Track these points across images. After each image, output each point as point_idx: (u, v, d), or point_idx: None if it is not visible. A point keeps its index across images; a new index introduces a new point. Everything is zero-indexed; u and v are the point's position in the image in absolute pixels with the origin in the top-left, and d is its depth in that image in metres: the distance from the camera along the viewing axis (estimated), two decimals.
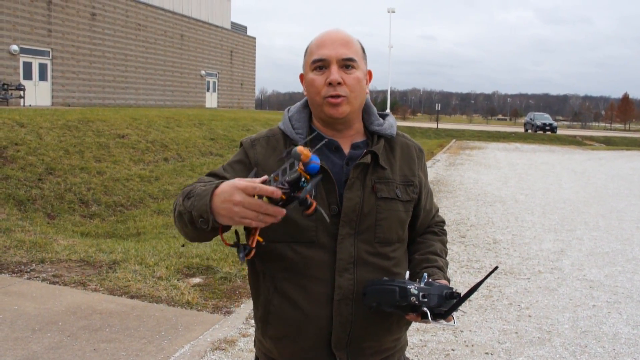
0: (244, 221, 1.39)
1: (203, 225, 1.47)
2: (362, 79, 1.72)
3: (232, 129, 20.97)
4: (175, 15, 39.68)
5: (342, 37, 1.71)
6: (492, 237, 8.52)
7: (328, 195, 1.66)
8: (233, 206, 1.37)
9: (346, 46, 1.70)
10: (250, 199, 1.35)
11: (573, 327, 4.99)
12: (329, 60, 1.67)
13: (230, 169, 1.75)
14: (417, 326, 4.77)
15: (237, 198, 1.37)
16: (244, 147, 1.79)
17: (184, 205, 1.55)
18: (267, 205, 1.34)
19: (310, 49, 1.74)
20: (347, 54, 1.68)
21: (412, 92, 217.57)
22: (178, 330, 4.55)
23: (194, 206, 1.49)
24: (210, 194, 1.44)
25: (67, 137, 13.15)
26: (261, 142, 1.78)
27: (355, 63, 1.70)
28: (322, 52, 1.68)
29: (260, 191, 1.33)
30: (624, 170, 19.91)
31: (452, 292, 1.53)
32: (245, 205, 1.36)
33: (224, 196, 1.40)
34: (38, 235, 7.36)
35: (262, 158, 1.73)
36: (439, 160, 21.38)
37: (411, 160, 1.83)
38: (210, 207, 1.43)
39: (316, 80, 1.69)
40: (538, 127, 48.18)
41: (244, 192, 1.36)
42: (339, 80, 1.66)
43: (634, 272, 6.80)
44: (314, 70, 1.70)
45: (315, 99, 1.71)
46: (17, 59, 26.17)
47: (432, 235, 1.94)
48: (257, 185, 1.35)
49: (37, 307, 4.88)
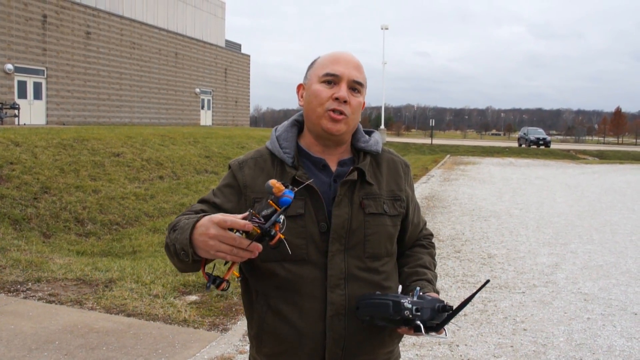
0: (219, 255, 1.41)
1: (184, 258, 1.50)
2: (362, 105, 1.79)
3: (227, 146, 21.02)
4: (170, 33, 39.88)
5: (356, 61, 1.78)
6: (487, 251, 8.56)
7: (317, 213, 1.69)
8: (209, 239, 1.41)
9: (358, 70, 1.77)
10: (225, 232, 1.38)
11: (568, 340, 5.01)
12: (342, 77, 1.73)
13: (219, 193, 1.79)
14: (412, 341, 4.79)
15: (212, 232, 1.40)
16: (232, 170, 1.82)
17: (169, 238, 1.59)
18: (242, 240, 1.37)
19: (322, 62, 1.79)
20: (359, 77, 1.75)
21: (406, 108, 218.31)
22: (175, 348, 4.56)
23: (177, 239, 1.52)
24: (191, 228, 1.47)
25: (62, 156, 13.17)
26: (249, 164, 1.81)
27: (362, 88, 1.77)
28: (337, 69, 1.73)
29: (232, 224, 1.36)
30: (617, 183, 20.00)
31: (445, 306, 1.56)
32: (219, 239, 1.38)
33: (201, 229, 1.44)
34: (34, 254, 7.36)
35: (251, 180, 1.76)
36: (433, 175, 21.44)
37: (397, 176, 1.87)
38: (190, 240, 1.47)
39: (323, 92, 1.73)
40: (532, 142, 48.41)
41: (218, 225, 1.39)
42: (346, 99, 1.71)
43: (628, 284, 6.84)
44: (323, 83, 1.74)
45: (316, 109, 1.74)
46: (11, 78, 26.23)
47: (420, 248, 1.98)
48: (230, 218, 1.38)
49: (33, 326, 4.88)
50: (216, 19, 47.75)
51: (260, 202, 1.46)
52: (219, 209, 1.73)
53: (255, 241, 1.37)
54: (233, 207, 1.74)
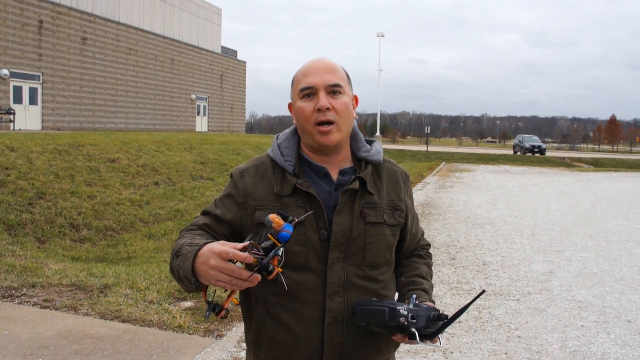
0: (219, 284, 1.44)
1: (188, 285, 1.54)
2: (349, 104, 1.78)
3: (223, 152, 21.02)
4: (166, 39, 39.91)
5: (326, 65, 1.78)
6: (481, 259, 8.58)
7: (317, 221, 1.71)
8: (209, 269, 1.44)
9: (331, 73, 1.76)
10: (225, 263, 1.41)
11: (562, 347, 5.03)
12: (317, 87, 1.73)
13: (220, 204, 1.81)
14: (407, 348, 4.80)
15: (212, 262, 1.43)
16: (233, 179, 1.84)
17: (173, 264, 1.62)
18: (241, 271, 1.40)
19: (296, 78, 1.80)
20: (333, 80, 1.74)
21: (401, 115, 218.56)
22: (170, 354, 4.55)
23: (180, 267, 1.55)
24: (193, 257, 1.50)
25: (57, 162, 13.15)
26: (250, 172, 1.83)
27: (342, 88, 1.76)
28: (309, 80, 1.74)
29: (234, 256, 1.40)
30: (611, 191, 20.08)
31: (440, 314, 1.58)
32: (219, 269, 1.42)
33: (202, 259, 1.47)
34: (29, 259, 7.35)
35: (252, 187, 1.78)
36: (428, 182, 21.48)
37: (397, 186, 1.89)
38: (193, 269, 1.49)
39: (305, 107, 1.74)
40: (527, 149, 48.56)
41: (219, 256, 1.42)
42: (328, 106, 1.71)
43: (622, 292, 6.86)
44: (303, 99, 1.75)
45: (305, 126, 1.76)
46: (7, 83, 26.19)
47: (418, 258, 1.99)
48: (230, 250, 1.41)
49: (28, 331, 4.87)
50: (212, 25, 47.82)
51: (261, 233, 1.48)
52: (220, 221, 1.77)
53: (256, 272, 1.40)
54: (233, 217, 1.77)
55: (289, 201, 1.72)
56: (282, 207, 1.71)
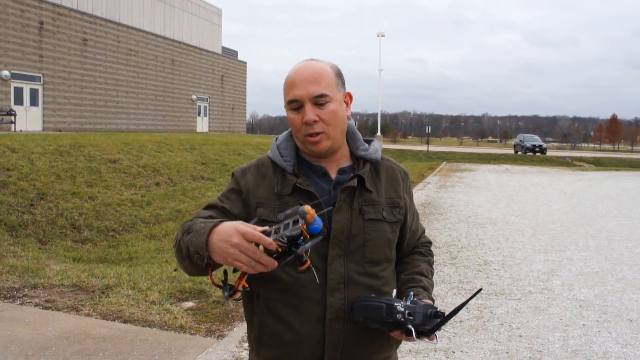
0: (235, 263, 1.45)
1: (198, 260, 1.53)
2: (337, 110, 1.77)
3: (224, 153, 21.03)
4: (166, 40, 39.93)
5: (310, 74, 1.75)
6: (482, 258, 8.58)
7: None
8: (229, 247, 1.44)
9: (316, 82, 1.74)
10: (247, 244, 1.42)
11: (563, 346, 5.03)
12: (302, 100, 1.73)
13: (226, 199, 1.83)
14: (409, 347, 4.80)
15: (234, 240, 1.43)
16: (235, 177, 1.87)
17: (183, 240, 1.62)
18: (262, 254, 1.41)
19: (285, 88, 1.81)
20: (318, 90, 1.73)
21: (402, 115, 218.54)
22: (171, 354, 4.56)
23: (192, 242, 1.55)
24: (209, 232, 1.50)
25: (58, 162, 13.16)
26: (252, 171, 1.85)
27: (328, 97, 1.74)
28: (295, 93, 1.74)
29: (259, 240, 1.41)
30: (613, 190, 20.07)
31: (437, 312, 1.59)
32: (241, 249, 1.42)
33: (223, 236, 1.47)
34: (30, 260, 7.36)
35: (253, 185, 1.81)
36: (429, 182, 21.48)
37: (396, 183, 1.90)
38: (207, 244, 1.49)
39: (294, 119, 1.76)
40: (528, 149, 48.56)
41: (244, 236, 1.43)
42: (314, 119, 1.72)
43: (624, 291, 6.86)
44: (291, 110, 1.77)
45: (297, 136, 1.80)
46: (8, 84, 26.21)
47: (418, 255, 2.00)
48: (257, 233, 1.42)
49: (30, 332, 4.88)
50: (213, 25, 47.84)
51: (281, 220, 1.48)
52: (228, 214, 1.77)
53: (289, 262, 1.43)
54: (240, 212, 1.78)
55: (290, 200, 1.74)
56: (282, 206, 1.73)
